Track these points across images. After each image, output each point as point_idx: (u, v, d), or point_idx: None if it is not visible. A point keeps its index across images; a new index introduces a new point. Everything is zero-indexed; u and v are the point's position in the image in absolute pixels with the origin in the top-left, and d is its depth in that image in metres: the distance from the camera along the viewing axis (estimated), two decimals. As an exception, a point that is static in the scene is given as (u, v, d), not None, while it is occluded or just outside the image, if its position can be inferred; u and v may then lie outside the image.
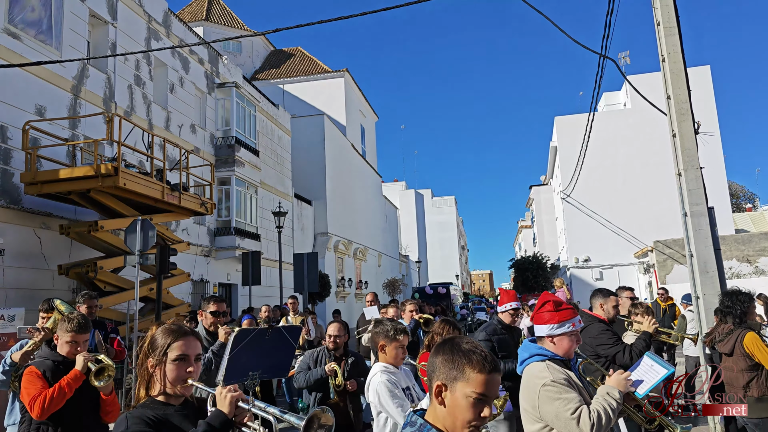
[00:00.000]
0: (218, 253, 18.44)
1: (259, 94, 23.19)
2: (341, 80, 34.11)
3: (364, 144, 38.93)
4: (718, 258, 6.54)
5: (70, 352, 3.74)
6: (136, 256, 9.92)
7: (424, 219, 65.15)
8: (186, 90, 17.72)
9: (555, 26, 8.94)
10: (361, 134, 38.34)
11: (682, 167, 6.91)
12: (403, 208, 58.17)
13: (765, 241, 20.32)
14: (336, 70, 34.55)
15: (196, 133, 18.04)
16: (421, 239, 61.77)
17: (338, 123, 32.24)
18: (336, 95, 33.96)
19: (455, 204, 77.82)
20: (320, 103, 32.80)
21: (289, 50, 38.25)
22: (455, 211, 77.42)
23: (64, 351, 3.77)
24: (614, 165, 31.91)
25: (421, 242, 61.40)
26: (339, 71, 34.37)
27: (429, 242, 65.57)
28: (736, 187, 51.75)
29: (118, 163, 10.57)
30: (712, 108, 30.59)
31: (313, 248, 26.16)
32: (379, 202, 40.52)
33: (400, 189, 63.76)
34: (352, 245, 31.38)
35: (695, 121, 7.35)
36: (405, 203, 60.35)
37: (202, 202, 13.82)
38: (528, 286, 35.82)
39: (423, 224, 64.02)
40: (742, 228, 32.33)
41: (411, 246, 57.03)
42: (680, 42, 7.49)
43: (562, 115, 35.12)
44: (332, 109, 32.93)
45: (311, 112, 31.31)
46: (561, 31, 8.97)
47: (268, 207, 21.31)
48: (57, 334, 3.85)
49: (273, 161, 23.53)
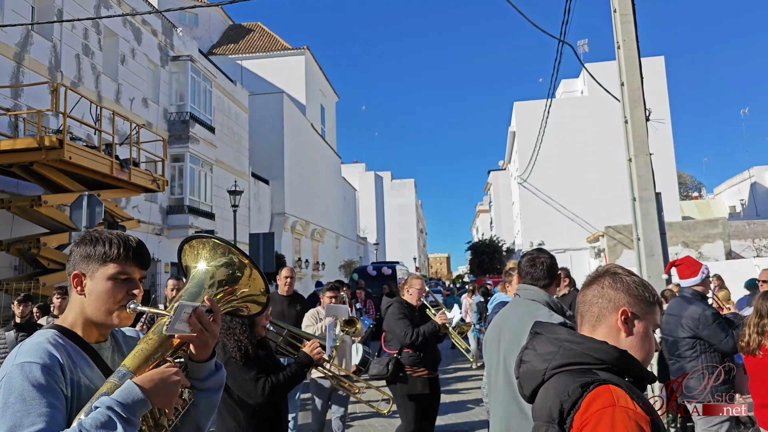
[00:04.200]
0: (171, 231, 18.00)
1: (215, 69, 22.58)
2: (302, 58, 33.55)
3: (323, 124, 38.53)
4: (664, 242, 6.73)
5: None
6: (81, 232, 9.56)
7: (383, 201, 65.28)
8: (138, 62, 17.08)
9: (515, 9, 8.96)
10: (321, 114, 37.90)
11: (632, 153, 7.05)
12: (363, 190, 58.08)
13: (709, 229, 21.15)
14: (296, 47, 33.94)
15: (148, 108, 17.45)
16: (380, 221, 61.93)
17: (298, 102, 31.77)
18: (296, 73, 33.40)
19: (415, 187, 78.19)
20: (279, 81, 32.21)
21: (249, 25, 37.33)
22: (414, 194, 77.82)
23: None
24: (570, 151, 32.54)
25: (380, 224, 61.56)
26: (299, 49, 33.78)
27: (387, 225, 65.81)
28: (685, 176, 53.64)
29: (63, 136, 10.13)
30: (664, 98, 31.48)
31: (270, 228, 25.85)
32: (338, 184, 40.30)
33: (360, 171, 63.55)
34: (309, 226, 31.16)
35: (647, 109, 7.50)
36: (364, 185, 60.23)
37: (154, 179, 13.42)
38: (484, 268, 36.49)
39: (382, 206, 64.14)
40: (688, 215, 33.55)
41: (369, 228, 57.11)
42: (635, 30, 7.60)
43: (521, 101, 35.54)
44: (292, 87, 32.39)
45: (270, 89, 30.72)
46: (521, 14, 8.99)
47: (224, 186, 20.89)
48: None
49: (229, 139, 23.03)
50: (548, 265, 2.93)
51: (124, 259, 1.57)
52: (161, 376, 1.45)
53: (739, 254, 22.50)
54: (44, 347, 1.43)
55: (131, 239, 1.61)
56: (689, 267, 4.53)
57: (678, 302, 4.54)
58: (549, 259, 2.97)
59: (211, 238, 1.71)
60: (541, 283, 2.90)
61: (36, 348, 1.43)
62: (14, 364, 1.39)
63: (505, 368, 2.73)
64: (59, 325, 1.56)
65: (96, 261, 1.56)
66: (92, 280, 1.56)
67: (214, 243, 1.70)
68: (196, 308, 1.52)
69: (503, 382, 2.74)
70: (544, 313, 2.71)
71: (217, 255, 1.69)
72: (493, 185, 55.09)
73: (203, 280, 1.65)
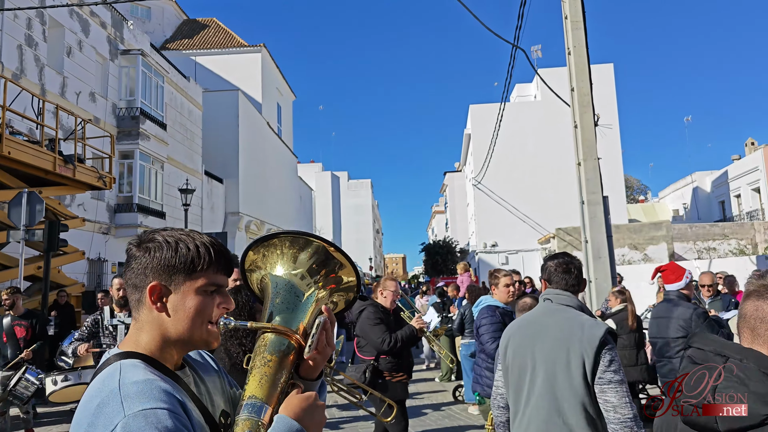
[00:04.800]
0: (118, 230, 17.45)
1: (168, 64, 22.00)
2: (258, 56, 33.08)
3: (280, 123, 38.10)
4: (610, 245, 6.92)
5: None
6: (21, 231, 9.16)
7: (340, 201, 65.10)
8: (86, 55, 16.48)
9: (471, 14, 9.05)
10: (277, 113, 37.46)
11: (581, 157, 7.23)
12: (319, 190, 57.73)
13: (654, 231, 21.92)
14: (253, 44, 33.44)
15: (96, 102, 16.86)
16: (336, 221, 61.71)
17: (254, 100, 31.31)
18: (252, 71, 32.91)
19: (371, 187, 78.26)
20: (235, 79, 31.67)
21: (204, 21, 36.56)
22: (371, 194, 77.89)
23: None
24: (523, 154, 33.16)
25: (336, 224, 61.35)
26: (256, 46, 33.29)
27: (344, 225, 65.66)
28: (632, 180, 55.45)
29: (2, 130, 9.66)
30: (613, 104, 32.44)
31: (224, 228, 25.38)
32: (294, 183, 39.93)
33: (317, 170, 63.17)
34: (264, 226, 30.76)
35: (596, 114, 7.71)
36: (321, 185, 59.90)
37: (100, 176, 12.96)
38: (437, 269, 36.83)
39: (338, 206, 63.95)
40: (634, 218, 34.72)
41: (325, 228, 56.82)
42: (585, 37, 7.80)
43: (477, 104, 36.01)
44: (248, 85, 31.89)
45: (225, 86, 30.17)
46: (477, 19, 9.09)
47: (175, 184, 20.39)
48: None
49: (182, 136, 22.48)
50: (580, 271, 2.95)
51: (215, 268, 1.30)
52: (308, 403, 1.26)
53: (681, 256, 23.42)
54: (156, 385, 1.12)
55: (215, 242, 1.33)
56: (674, 272, 4.75)
57: (665, 305, 4.74)
58: (579, 264, 2.99)
59: (286, 234, 1.44)
60: (574, 289, 2.89)
61: (147, 387, 1.11)
62: (130, 414, 1.05)
63: (548, 379, 2.59)
64: (137, 352, 1.24)
65: (181, 271, 1.26)
66: (177, 294, 1.26)
67: (292, 239, 1.44)
68: (325, 321, 1.34)
69: (543, 393, 2.60)
70: (586, 319, 2.68)
71: (303, 252, 1.43)
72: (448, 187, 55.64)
73: (296, 285, 1.42)
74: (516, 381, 2.76)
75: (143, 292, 1.25)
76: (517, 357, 2.77)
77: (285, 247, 1.44)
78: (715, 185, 34.68)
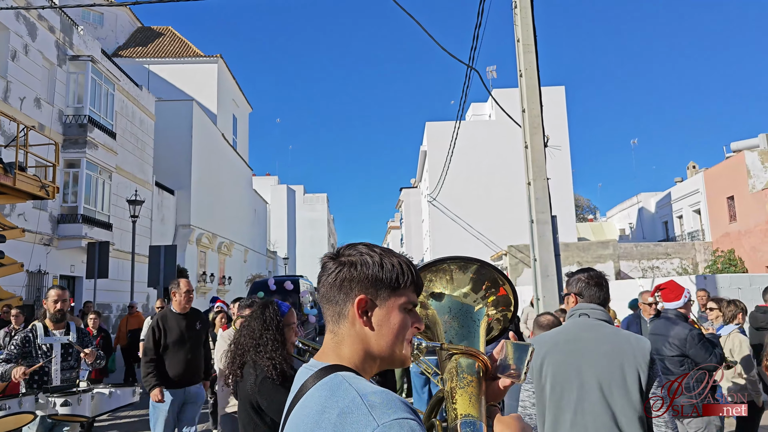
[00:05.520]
0: (61, 242, 16.77)
1: (120, 71, 21.46)
2: (214, 66, 32.66)
3: (235, 135, 37.61)
4: (558, 263, 7.07)
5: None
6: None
7: (295, 215, 64.51)
8: (31, 59, 15.90)
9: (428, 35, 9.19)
10: (233, 124, 36.99)
11: (531, 177, 7.38)
12: (274, 203, 57.12)
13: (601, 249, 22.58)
14: (209, 55, 33.03)
15: (41, 109, 16.26)
16: (291, 235, 61.10)
17: (209, 111, 30.84)
18: (208, 82, 32.45)
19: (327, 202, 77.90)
20: (190, 89, 31.15)
21: (159, 29, 35.91)
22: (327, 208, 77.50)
23: None
24: (478, 172, 33.72)
25: (291, 238, 60.73)
26: (212, 56, 32.88)
27: (299, 239, 65.03)
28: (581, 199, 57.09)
29: (-63, 134, 9.19)
30: (564, 125, 33.41)
31: (174, 240, 24.74)
32: (248, 196, 39.39)
33: (272, 183, 62.49)
34: (216, 239, 30.17)
35: (545, 135, 7.91)
36: (276, 198, 59.27)
37: (43, 185, 12.47)
38: (393, 285, 36.79)
39: (293, 220, 63.35)
40: (583, 236, 35.68)
41: (280, 242, 56.17)
42: (536, 60, 8.01)
43: (433, 121, 36.48)
44: (203, 95, 31.42)
45: (180, 96, 29.63)
46: (434, 40, 9.23)
47: (124, 194, 19.80)
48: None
49: (132, 145, 21.90)
50: (608, 285, 2.96)
51: (414, 287, 1.31)
52: (518, 422, 1.29)
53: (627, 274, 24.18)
54: (394, 396, 1.13)
55: (411, 261, 1.34)
56: (673, 291, 4.83)
57: (663, 323, 4.85)
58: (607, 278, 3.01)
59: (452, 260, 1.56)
60: (605, 303, 2.88)
61: (389, 398, 1.11)
62: (384, 423, 1.05)
63: (602, 395, 2.55)
64: (345, 365, 1.24)
65: (387, 286, 1.26)
66: (382, 309, 1.26)
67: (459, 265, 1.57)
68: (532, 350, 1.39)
69: (599, 411, 2.56)
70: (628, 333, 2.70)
71: (466, 274, 1.55)
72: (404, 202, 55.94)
73: (468, 306, 1.51)
74: (557, 400, 2.65)
75: (346, 305, 1.26)
76: (558, 375, 2.67)
77: (455, 272, 1.56)
78: (659, 206, 36.04)
